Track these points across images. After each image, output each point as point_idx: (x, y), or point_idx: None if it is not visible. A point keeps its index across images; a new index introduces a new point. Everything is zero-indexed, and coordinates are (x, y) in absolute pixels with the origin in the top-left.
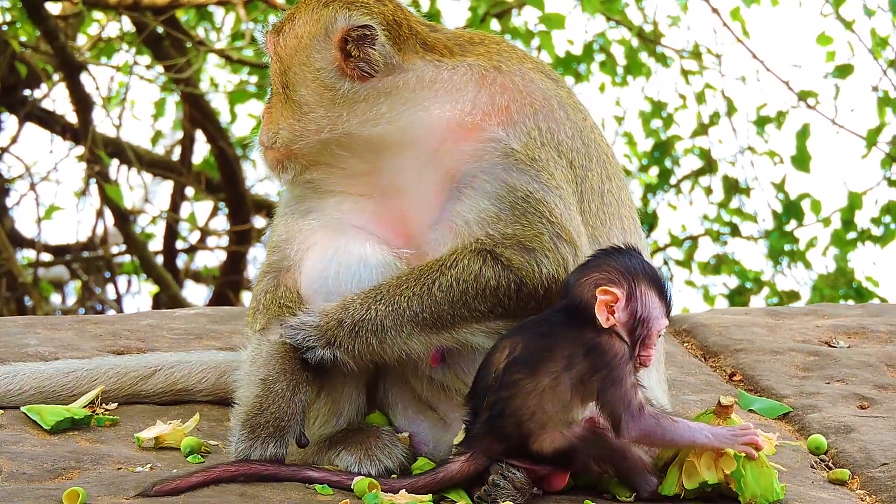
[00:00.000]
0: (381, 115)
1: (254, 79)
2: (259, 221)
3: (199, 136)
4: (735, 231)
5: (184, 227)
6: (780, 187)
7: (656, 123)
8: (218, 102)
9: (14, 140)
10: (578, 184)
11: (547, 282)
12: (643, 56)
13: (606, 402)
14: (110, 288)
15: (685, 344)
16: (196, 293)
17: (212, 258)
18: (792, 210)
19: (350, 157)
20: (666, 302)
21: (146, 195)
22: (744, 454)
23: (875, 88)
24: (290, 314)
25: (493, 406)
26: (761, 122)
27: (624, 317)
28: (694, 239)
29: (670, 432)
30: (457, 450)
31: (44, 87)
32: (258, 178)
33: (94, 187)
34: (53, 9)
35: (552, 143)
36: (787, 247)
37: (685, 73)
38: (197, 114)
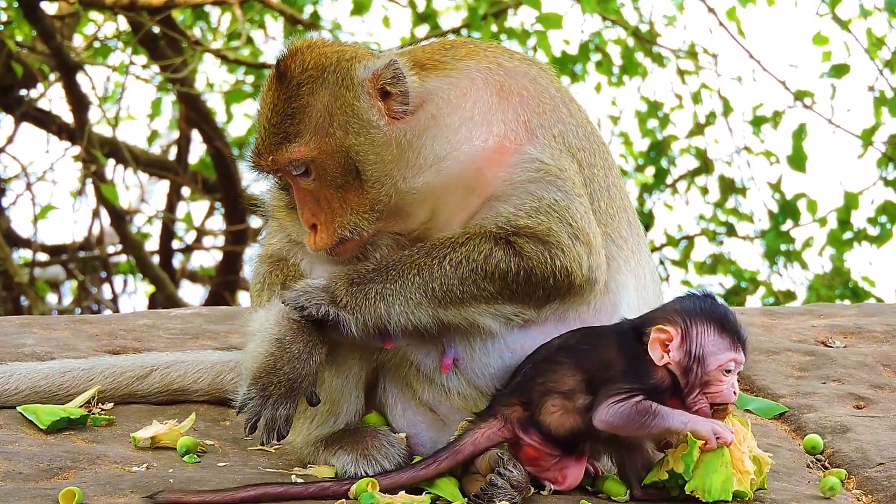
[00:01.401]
0: (427, 158)
1: (250, 79)
2: (255, 221)
3: (195, 135)
4: (731, 231)
5: (180, 227)
6: (776, 187)
7: (652, 123)
8: (214, 102)
9: (10, 140)
10: (587, 185)
11: (559, 274)
12: (639, 56)
13: (602, 390)
14: (106, 288)
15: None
16: (192, 293)
17: (208, 258)
18: (788, 210)
19: (406, 221)
20: (729, 337)
21: (142, 195)
22: (699, 443)
23: (871, 88)
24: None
25: (531, 371)
26: (757, 122)
27: (678, 356)
28: (690, 239)
29: (647, 427)
30: (473, 418)
31: (40, 86)
32: (254, 177)
33: (90, 187)
34: (49, 9)
35: (566, 147)
36: (783, 247)
37: (681, 72)
38: (193, 114)
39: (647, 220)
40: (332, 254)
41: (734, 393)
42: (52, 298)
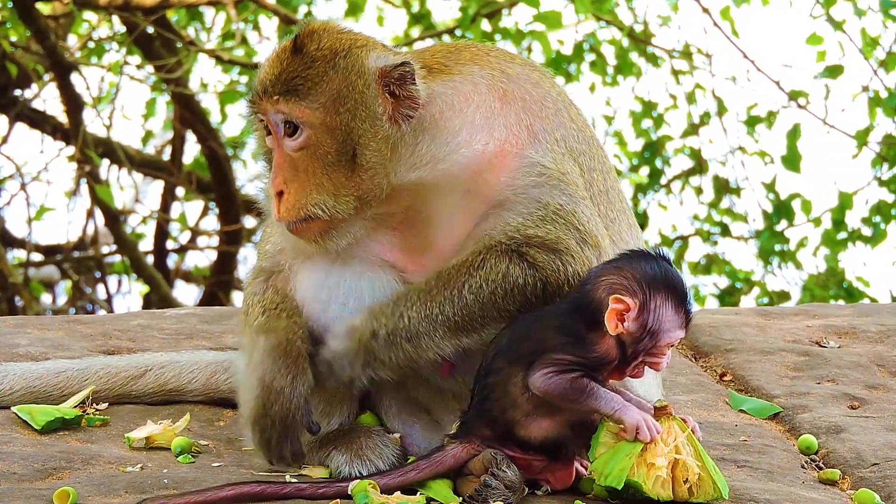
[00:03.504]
0: (423, 157)
1: (244, 79)
2: (249, 221)
3: (190, 136)
4: (725, 231)
5: (174, 227)
6: (770, 187)
7: (647, 123)
8: (208, 102)
9: (4, 140)
10: (588, 188)
11: (572, 280)
12: (633, 56)
13: (539, 359)
14: (101, 288)
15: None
16: (186, 293)
17: (202, 258)
18: (782, 210)
19: (388, 206)
20: (683, 314)
21: (137, 195)
22: (611, 427)
23: (865, 88)
24: (277, 316)
25: (481, 392)
26: (752, 122)
27: (633, 327)
28: (684, 239)
29: (578, 403)
30: (450, 439)
31: (34, 87)
32: (248, 178)
33: (84, 187)
34: (44, 9)
35: (568, 151)
36: (777, 247)
37: (676, 72)
38: (187, 114)
39: (642, 221)
40: (295, 230)
41: (666, 364)
42: (46, 298)
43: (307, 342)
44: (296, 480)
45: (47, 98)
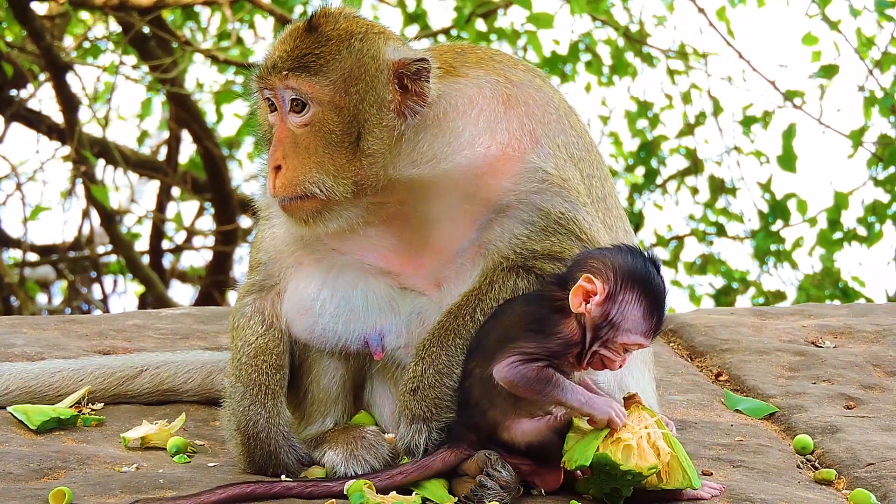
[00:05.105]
0: (424, 154)
1: (240, 79)
2: (245, 221)
3: (185, 136)
4: (721, 231)
5: (170, 227)
6: (766, 187)
7: (642, 123)
8: (204, 102)
9: (0, 140)
10: (588, 194)
11: None
12: (629, 56)
13: (504, 348)
14: (96, 288)
15: (671, 344)
16: (182, 293)
17: (198, 258)
18: (778, 210)
19: (383, 197)
20: (650, 323)
21: (132, 195)
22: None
23: (861, 88)
24: (255, 356)
25: (462, 396)
26: (747, 122)
27: (596, 312)
28: (680, 239)
29: (543, 394)
30: (438, 444)
31: (30, 87)
32: (244, 177)
33: (80, 187)
34: (40, 9)
35: (569, 157)
36: (773, 247)
37: (671, 72)
38: (183, 114)
39: (638, 221)
40: (288, 207)
41: (620, 366)
42: (42, 298)
43: (285, 376)
44: (287, 480)
45: (43, 98)
